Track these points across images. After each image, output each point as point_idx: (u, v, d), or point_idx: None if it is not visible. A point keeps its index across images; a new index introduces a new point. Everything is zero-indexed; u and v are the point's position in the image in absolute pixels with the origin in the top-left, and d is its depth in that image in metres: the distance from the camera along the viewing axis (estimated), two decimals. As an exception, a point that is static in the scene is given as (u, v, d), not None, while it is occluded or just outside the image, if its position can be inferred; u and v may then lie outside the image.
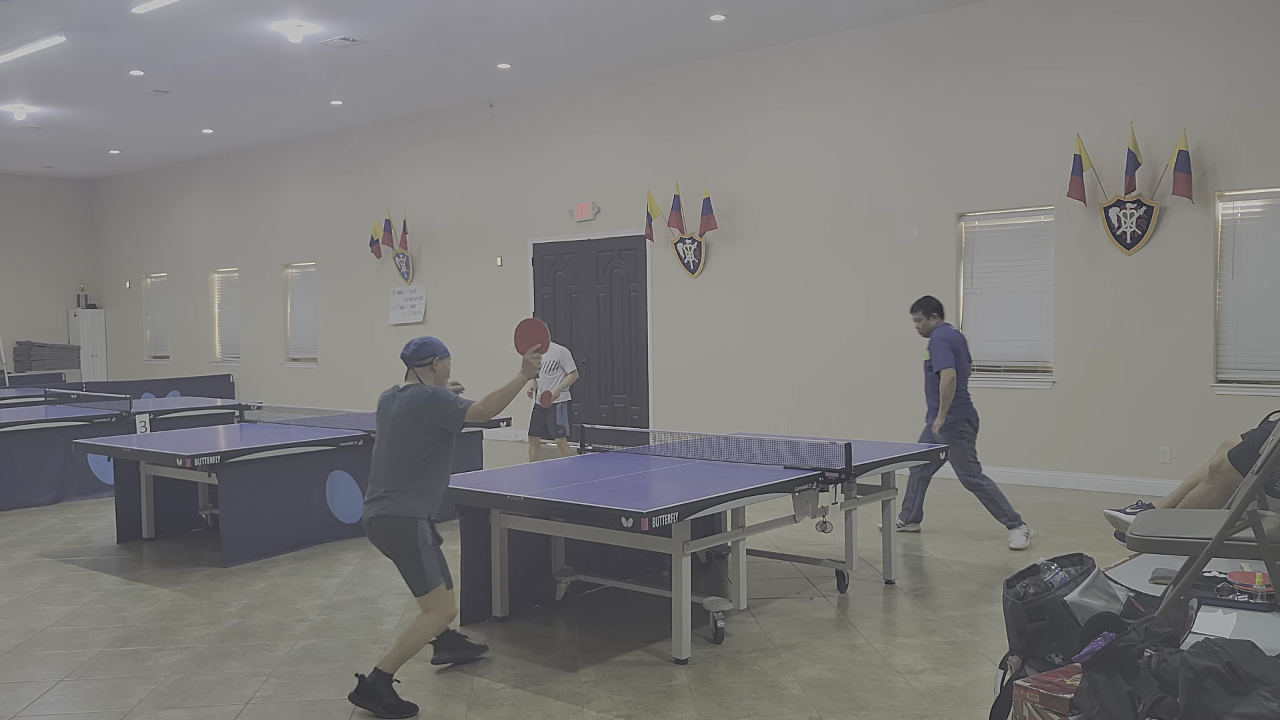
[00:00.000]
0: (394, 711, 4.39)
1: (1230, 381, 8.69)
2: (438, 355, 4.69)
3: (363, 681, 4.43)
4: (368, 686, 4.41)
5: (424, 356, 4.67)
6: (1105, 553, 6.71)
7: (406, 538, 4.50)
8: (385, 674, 4.43)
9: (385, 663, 4.44)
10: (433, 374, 4.69)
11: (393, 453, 4.56)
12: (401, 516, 4.50)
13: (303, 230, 16.34)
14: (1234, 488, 4.27)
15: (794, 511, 5.34)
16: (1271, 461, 3.38)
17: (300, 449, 7.38)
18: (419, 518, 4.53)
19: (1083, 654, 2.93)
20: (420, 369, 4.68)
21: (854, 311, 10.64)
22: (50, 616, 5.90)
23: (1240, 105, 8.52)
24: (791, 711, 4.33)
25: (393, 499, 4.52)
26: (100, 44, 10.78)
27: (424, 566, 4.51)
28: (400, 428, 4.55)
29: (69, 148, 16.75)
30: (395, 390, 4.68)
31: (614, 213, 12.52)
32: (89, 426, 9.59)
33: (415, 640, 4.46)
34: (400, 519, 4.50)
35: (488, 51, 11.28)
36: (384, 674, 4.43)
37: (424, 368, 4.68)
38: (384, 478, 4.57)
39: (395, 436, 4.57)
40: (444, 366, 4.72)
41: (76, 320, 20.00)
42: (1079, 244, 9.30)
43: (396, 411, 4.58)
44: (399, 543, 4.51)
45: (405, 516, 4.50)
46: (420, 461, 4.54)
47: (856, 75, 10.54)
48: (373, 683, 4.42)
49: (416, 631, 4.47)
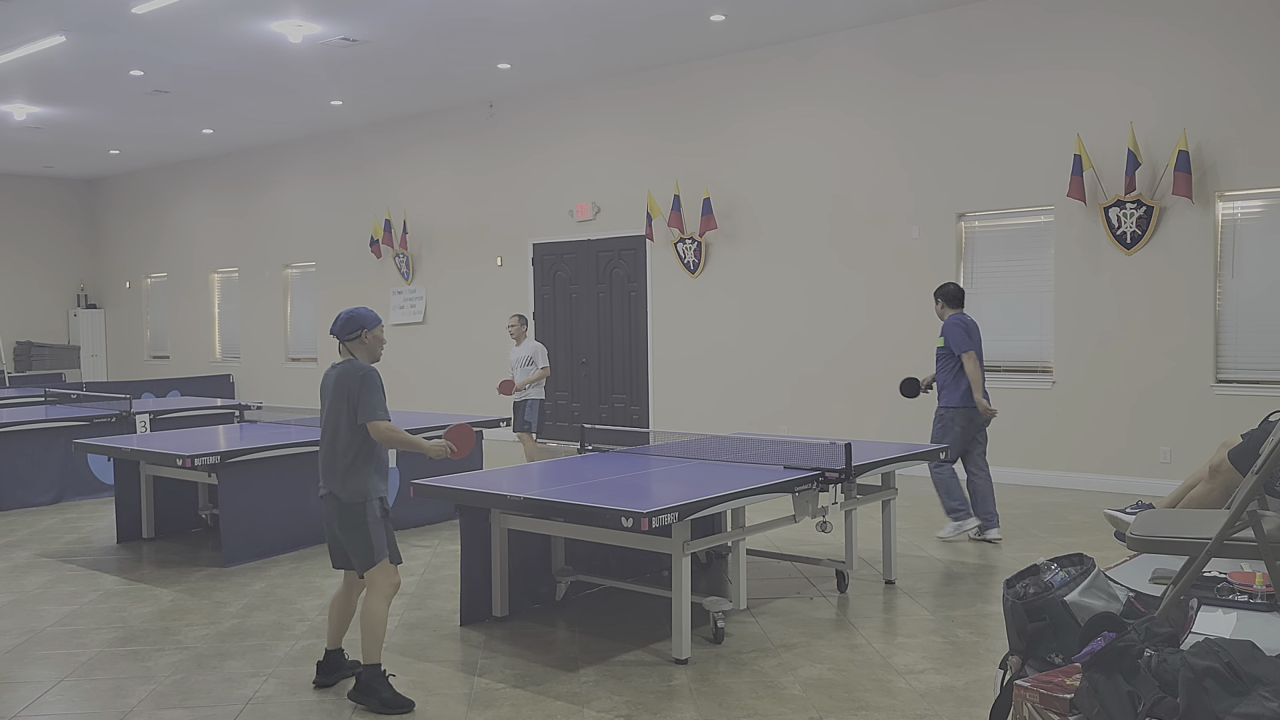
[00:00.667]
0: (391, 706, 4.39)
1: (1230, 381, 8.69)
2: (366, 327, 4.62)
3: (358, 677, 4.46)
4: (362, 683, 4.43)
5: (353, 330, 4.61)
6: (1105, 553, 6.71)
7: (356, 518, 4.51)
8: (373, 666, 4.44)
9: (364, 656, 4.46)
10: (363, 346, 4.63)
11: (333, 432, 4.56)
12: (349, 502, 4.51)
13: (303, 230, 16.34)
14: (1234, 488, 4.27)
15: (794, 511, 5.34)
16: (1271, 461, 3.38)
17: (300, 449, 7.37)
18: (368, 499, 4.52)
19: (1083, 654, 2.93)
20: (351, 343, 4.63)
21: (854, 312, 10.64)
22: (50, 616, 5.90)
23: (1240, 105, 8.52)
24: (791, 711, 4.33)
25: (340, 479, 4.52)
26: (100, 44, 10.78)
27: (372, 542, 4.51)
28: (336, 406, 4.54)
29: (69, 148, 16.75)
30: (332, 366, 4.65)
31: (614, 213, 12.52)
32: (89, 426, 9.59)
33: (375, 620, 4.46)
34: (348, 504, 4.51)
35: (488, 51, 11.28)
36: (372, 667, 4.44)
37: (354, 341, 4.62)
38: (329, 457, 4.56)
39: (331, 416, 4.57)
40: (374, 337, 4.65)
41: (76, 320, 20.00)
42: (1079, 244, 9.30)
43: (332, 389, 4.56)
44: (347, 522, 4.52)
45: (352, 502, 4.50)
46: (363, 439, 4.53)
47: (856, 75, 10.54)
48: (366, 679, 4.43)
49: (372, 612, 4.47)
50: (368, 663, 4.45)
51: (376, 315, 4.69)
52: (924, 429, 10.16)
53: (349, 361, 4.61)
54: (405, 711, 4.39)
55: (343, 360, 4.64)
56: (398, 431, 4.53)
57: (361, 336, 4.62)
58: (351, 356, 4.64)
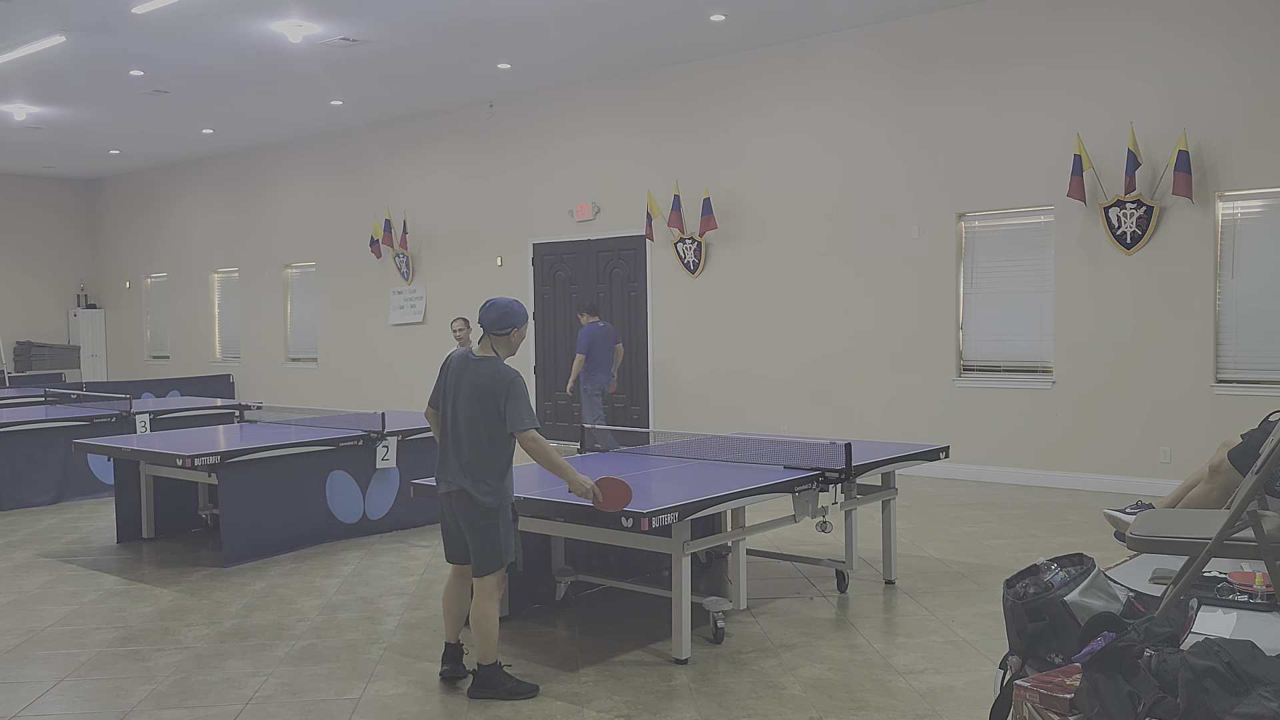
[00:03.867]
0: (517, 694, 4.45)
1: (1230, 381, 8.69)
2: (518, 325, 4.45)
3: (475, 676, 4.48)
4: (483, 680, 4.46)
5: (506, 325, 4.42)
6: (1105, 553, 6.71)
7: (490, 519, 4.42)
8: (491, 665, 4.47)
9: (481, 657, 4.47)
10: (509, 344, 4.46)
11: (473, 433, 4.40)
12: (486, 505, 4.40)
13: (303, 230, 16.34)
14: (1234, 488, 4.27)
15: (794, 511, 5.34)
16: (1271, 461, 3.38)
17: (300, 449, 7.38)
18: (504, 504, 4.44)
19: (1083, 654, 2.93)
20: (499, 338, 4.44)
21: (854, 312, 10.63)
22: (50, 616, 5.90)
23: (1240, 105, 8.52)
24: (791, 711, 4.33)
25: (479, 480, 4.38)
26: (100, 44, 10.78)
27: (500, 545, 4.44)
28: (479, 406, 4.37)
29: (69, 148, 16.75)
30: (468, 356, 4.44)
31: (614, 213, 12.52)
32: (89, 426, 9.59)
33: (488, 624, 4.45)
34: (485, 506, 4.40)
35: (488, 51, 11.28)
36: (490, 666, 4.46)
37: (503, 336, 4.44)
38: (472, 456, 4.40)
39: (471, 414, 4.39)
40: (520, 335, 4.49)
41: (76, 320, 20.00)
42: (1079, 244, 9.30)
43: (473, 386, 4.38)
44: (481, 523, 4.41)
45: (490, 505, 4.41)
46: (506, 444, 4.41)
47: (856, 75, 10.54)
48: (485, 677, 4.46)
49: (486, 616, 4.44)
50: (486, 663, 4.46)
51: (526, 312, 4.51)
52: (925, 429, 10.18)
53: (492, 360, 4.41)
54: (532, 695, 4.45)
55: (480, 355, 4.44)
56: (547, 446, 4.36)
57: (511, 334, 4.45)
58: (494, 352, 4.45)
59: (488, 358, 4.45)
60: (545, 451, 4.36)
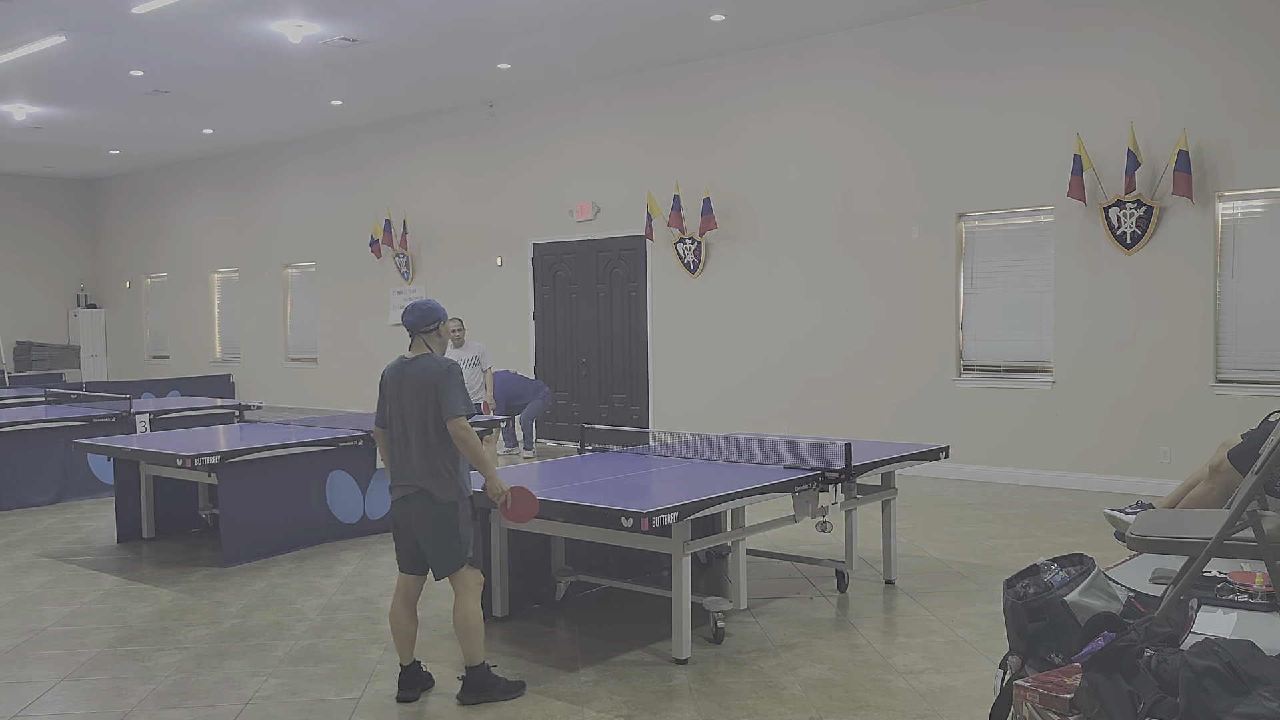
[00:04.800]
0: (508, 693, 4.48)
1: (1230, 381, 8.69)
2: (441, 319, 4.59)
3: (465, 680, 4.47)
4: (474, 683, 4.45)
5: (432, 322, 4.55)
6: (1105, 553, 6.71)
7: (449, 516, 4.42)
8: (479, 667, 4.46)
9: (469, 659, 4.46)
10: (439, 339, 4.59)
11: (422, 430, 4.42)
12: (445, 501, 4.40)
13: (303, 230, 16.34)
14: (1234, 488, 4.27)
15: (794, 511, 5.34)
16: (1271, 461, 3.38)
17: (300, 449, 7.38)
18: (462, 497, 4.45)
19: (1083, 654, 2.93)
20: (428, 335, 4.56)
21: (854, 312, 10.64)
22: (50, 616, 5.90)
23: (1240, 105, 8.52)
24: (791, 711, 4.33)
25: (436, 477, 4.40)
26: (100, 44, 10.78)
27: (461, 542, 4.44)
28: (423, 402, 4.41)
29: (69, 148, 16.75)
30: (403, 361, 4.52)
31: (614, 213, 12.52)
32: (89, 426, 9.59)
33: (474, 622, 4.43)
34: (443, 503, 4.40)
35: (488, 51, 11.28)
36: (478, 668, 4.46)
37: (431, 333, 4.57)
38: (421, 455, 4.42)
39: (417, 412, 4.42)
40: (446, 328, 4.64)
41: (76, 320, 20.00)
42: (1079, 244, 9.30)
43: (413, 386, 4.44)
44: (440, 523, 4.41)
45: (449, 500, 4.41)
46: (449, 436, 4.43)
47: (856, 75, 10.54)
48: (476, 680, 4.45)
49: (470, 614, 4.42)
50: (473, 665, 4.45)
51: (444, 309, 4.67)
52: (925, 429, 10.18)
53: (426, 356, 4.50)
54: (522, 693, 4.48)
55: (414, 355, 4.52)
56: (474, 437, 4.38)
57: (439, 328, 4.58)
58: (427, 350, 4.55)
59: (422, 355, 4.54)
60: (472, 443, 4.38)
